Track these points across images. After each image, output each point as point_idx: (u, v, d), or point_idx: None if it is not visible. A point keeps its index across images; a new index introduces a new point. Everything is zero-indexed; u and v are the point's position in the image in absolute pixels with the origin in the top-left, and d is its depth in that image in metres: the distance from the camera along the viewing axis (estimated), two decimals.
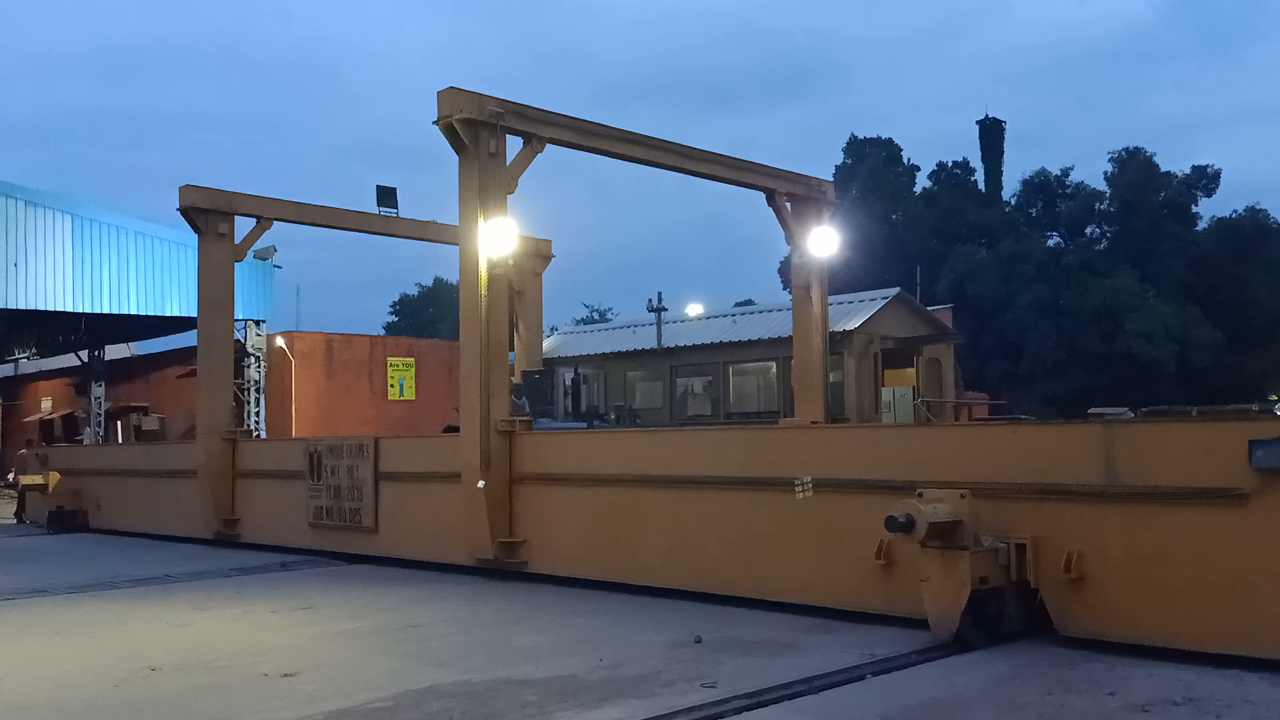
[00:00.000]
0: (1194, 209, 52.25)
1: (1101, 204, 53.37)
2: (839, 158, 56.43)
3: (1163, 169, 51.79)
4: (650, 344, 19.79)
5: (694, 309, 23.10)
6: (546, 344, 20.64)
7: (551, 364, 17.82)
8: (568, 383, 14.48)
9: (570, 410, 14.98)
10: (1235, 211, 51.35)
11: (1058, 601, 7.68)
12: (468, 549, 11.81)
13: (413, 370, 25.12)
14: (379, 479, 13.46)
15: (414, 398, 25.20)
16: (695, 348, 18.60)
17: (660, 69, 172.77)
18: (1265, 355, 47.05)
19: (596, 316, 65.79)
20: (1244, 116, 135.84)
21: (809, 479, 8.48)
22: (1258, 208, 51.51)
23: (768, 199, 15.32)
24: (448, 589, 11.16)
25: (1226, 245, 48.87)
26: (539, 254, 18.74)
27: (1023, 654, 7.37)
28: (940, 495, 7.68)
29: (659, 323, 19.41)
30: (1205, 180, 52.40)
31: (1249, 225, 50.34)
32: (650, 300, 19.90)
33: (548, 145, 12.46)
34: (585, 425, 14.38)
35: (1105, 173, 53.22)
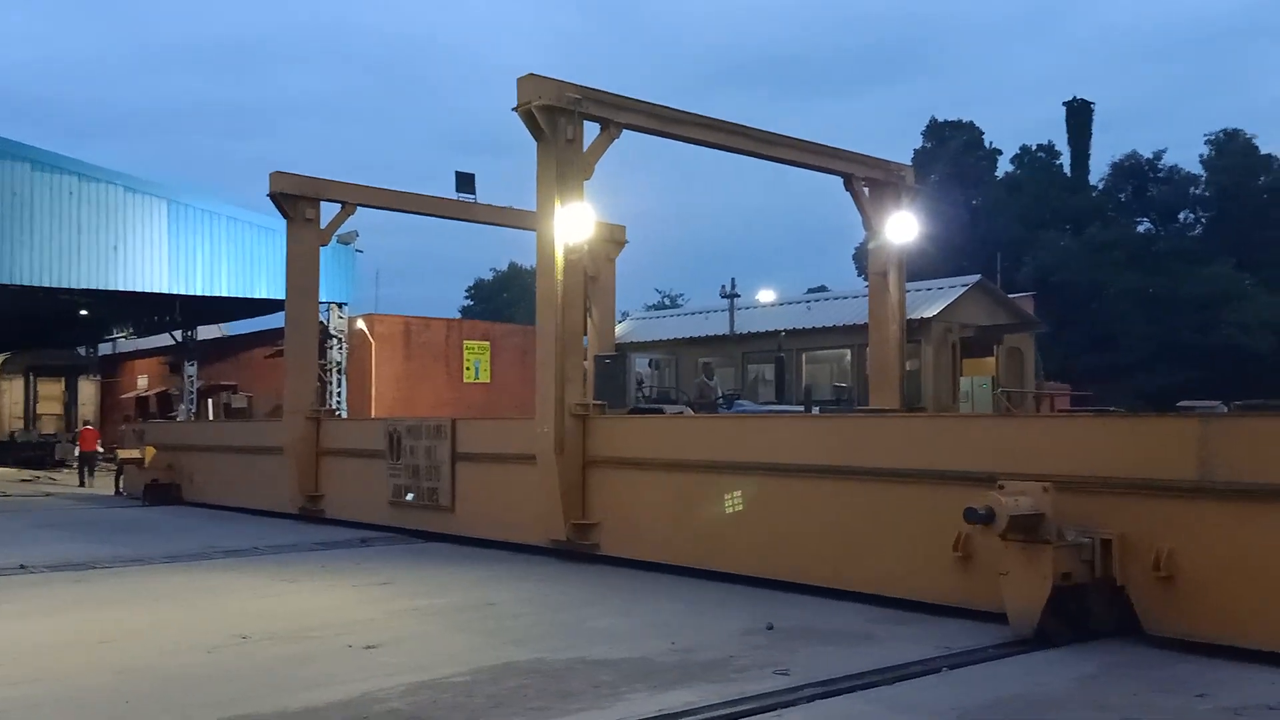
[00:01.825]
0: None
1: (1197, 189, 51.48)
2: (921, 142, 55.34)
3: (1263, 152, 49.72)
4: (722, 330, 19.70)
5: (766, 295, 22.93)
6: (619, 329, 20.70)
7: (624, 349, 17.87)
8: (640, 369, 14.58)
9: (649, 395, 15.09)
10: None
11: (1145, 600, 7.45)
12: (541, 530, 11.95)
13: (488, 354, 25.44)
14: (455, 459, 13.70)
15: (489, 381, 25.51)
16: (768, 334, 18.46)
17: (749, 54, 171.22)
18: None
19: (668, 303, 65.74)
20: None
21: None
22: None
23: (845, 184, 15.11)
24: (522, 569, 11.31)
25: None
26: (613, 240, 18.79)
27: (1107, 653, 7.18)
28: (1022, 488, 7.51)
29: (731, 308, 19.32)
30: None
31: None
32: (724, 286, 19.82)
33: (625, 131, 12.48)
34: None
35: (1201, 156, 51.32)
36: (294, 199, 16.68)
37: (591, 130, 12.18)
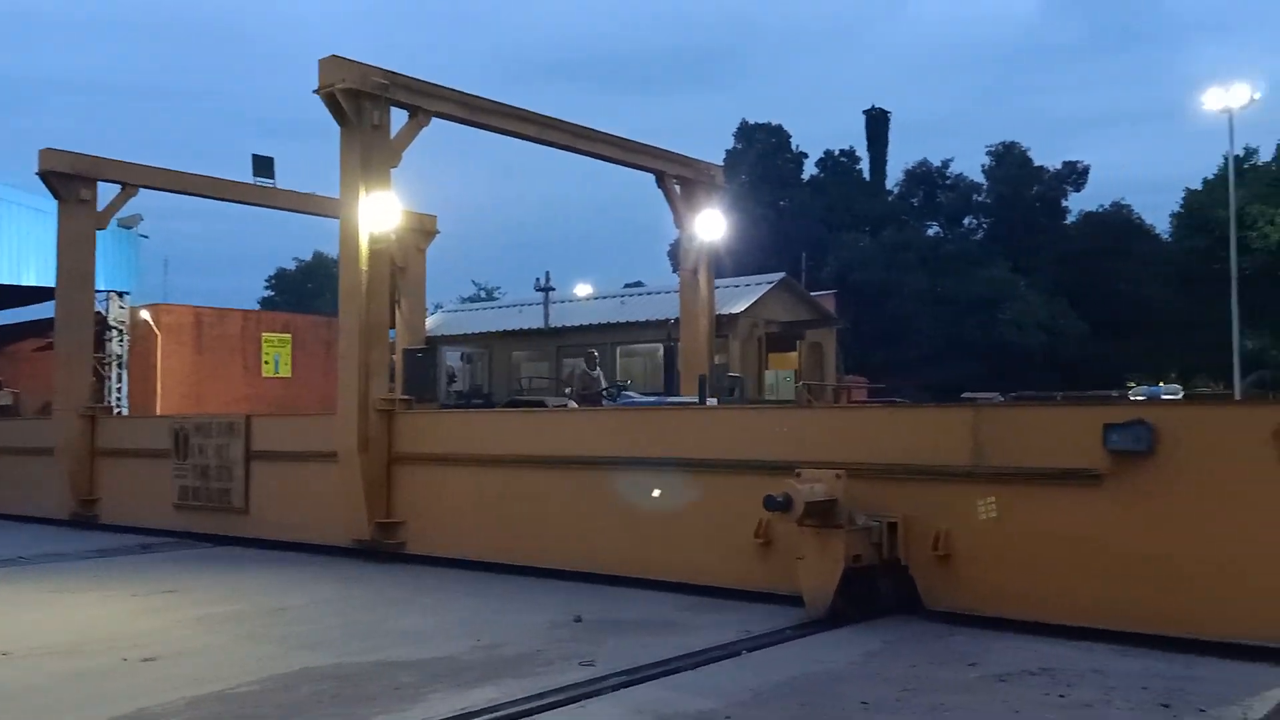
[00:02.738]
0: (1064, 203, 54.66)
1: (979, 196, 55.33)
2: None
3: (1036, 164, 53.97)
4: (537, 323, 19.64)
5: (583, 289, 23.02)
6: (430, 322, 20.28)
7: (434, 343, 17.53)
8: (452, 363, 14.28)
9: (456, 391, 14.81)
10: (1102, 206, 53.92)
11: (926, 578, 7.93)
12: (344, 530, 11.57)
13: (289, 347, 24.39)
14: (250, 458, 13.07)
15: (290, 375, 24.48)
16: (583, 328, 18.55)
17: (570, 49, 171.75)
18: (1128, 346, 49.61)
19: (484, 295, 65.09)
20: (1118, 117, 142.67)
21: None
22: (1123, 203, 54.20)
23: (657, 181, 15.36)
24: (322, 571, 10.90)
25: (1094, 239, 51.31)
26: (424, 230, 18.38)
27: (892, 629, 7.59)
28: (817, 475, 7.83)
29: (546, 302, 19.28)
30: (1075, 176, 54.85)
31: (1115, 220, 52.95)
32: (538, 279, 19.75)
33: (435, 120, 12.23)
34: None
35: (983, 166, 55.22)
36: (66, 178, 15.39)
37: (400, 117, 11.89)
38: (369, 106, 11.34)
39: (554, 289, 19.57)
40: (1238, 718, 5.34)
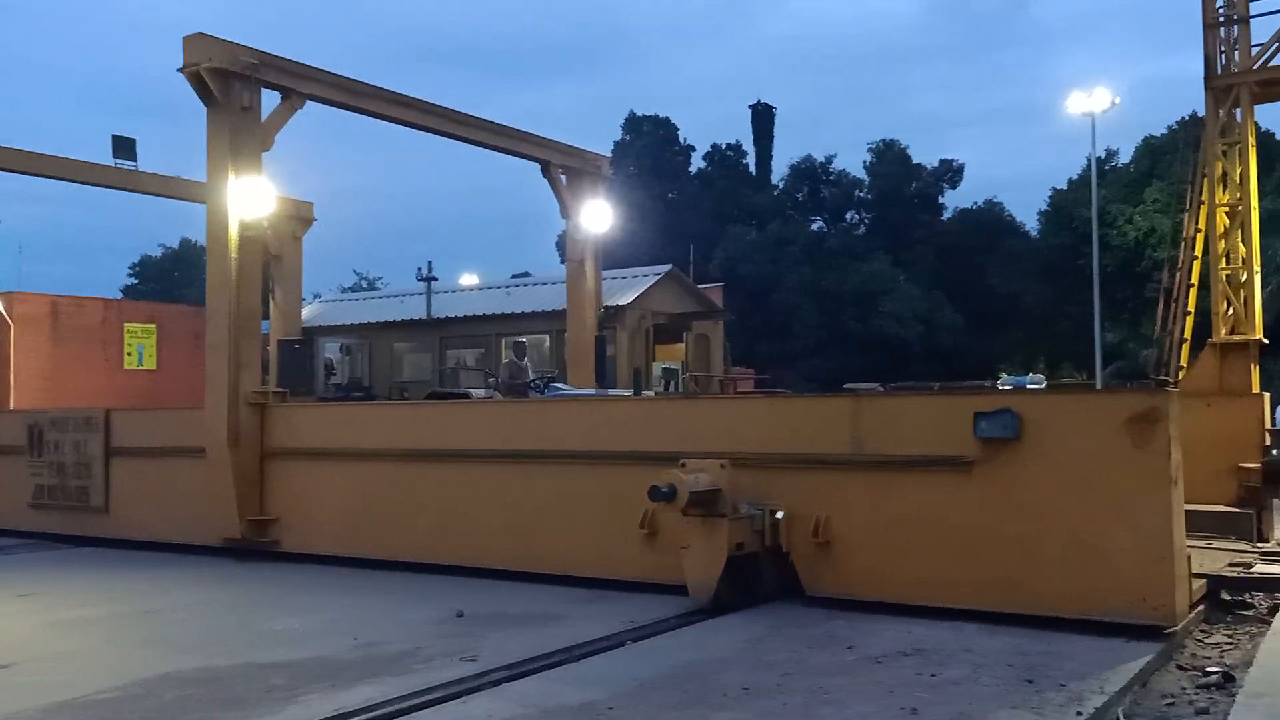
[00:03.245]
0: (941, 200, 56.47)
1: (861, 191, 56.72)
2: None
3: (915, 161, 55.61)
4: (419, 314, 19.26)
5: (469, 279, 22.69)
6: (306, 312, 19.66)
7: (312, 334, 17.01)
8: (330, 354, 13.85)
9: (336, 384, 14.39)
10: (976, 204, 55.95)
11: (807, 565, 8.08)
12: (213, 529, 11.14)
13: (154, 338, 23.27)
14: (110, 454, 12.49)
15: (155, 368, 23.37)
16: (467, 319, 18.26)
17: (457, 36, 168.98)
18: (1000, 338, 51.64)
19: (366, 285, 63.63)
20: (991, 116, 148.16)
21: None
22: (995, 201, 56.34)
23: (543, 170, 15.23)
24: (189, 571, 10.48)
25: (968, 235, 53.18)
26: (300, 217, 17.75)
27: (774, 615, 7.71)
28: (701, 465, 7.89)
29: (429, 292, 18.93)
30: (951, 173, 56.72)
31: (988, 217, 54.98)
32: (420, 270, 19.36)
33: (312, 103, 11.86)
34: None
35: (865, 162, 56.61)
36: None
37: (272, 99, 11.48)
38: (238, 87, 10.92)
39: (437, 279, 19.21)
40: (1095, 691, 5.59)
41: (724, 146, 58.05)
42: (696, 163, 57.55)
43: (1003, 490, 7.41)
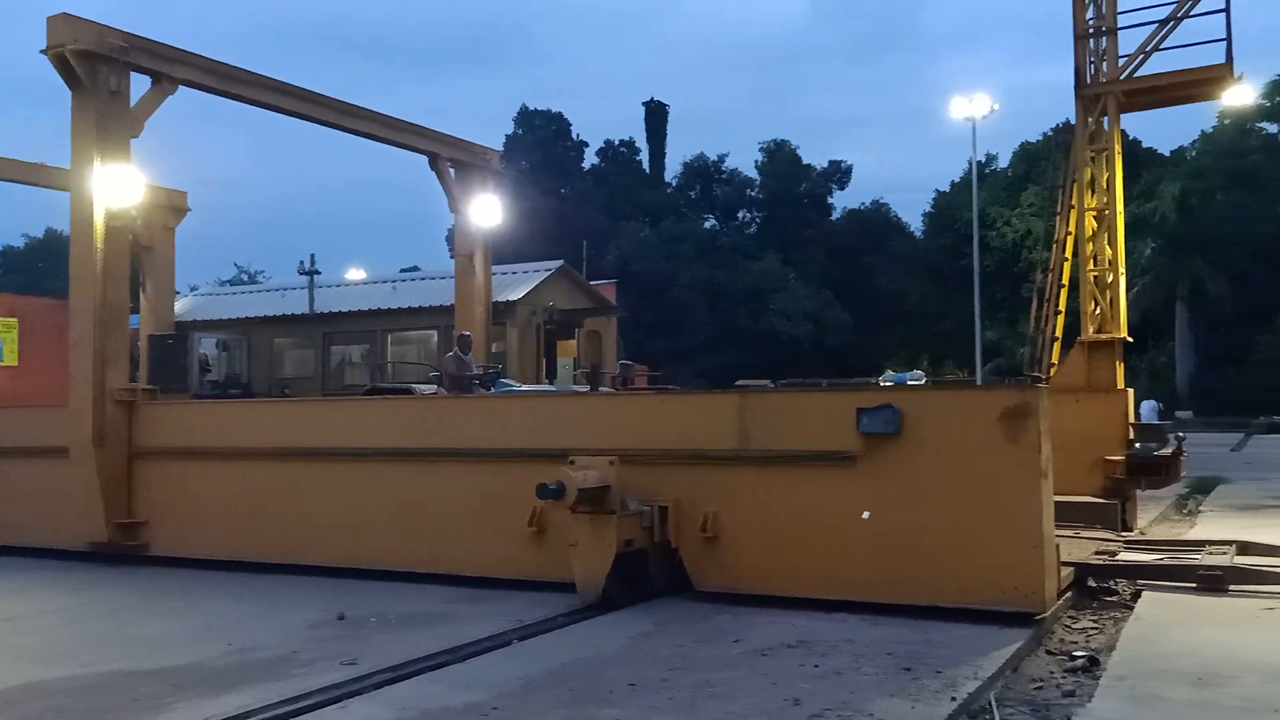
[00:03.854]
0: (830, 200, 57.77)
1: (753, 191, 57.59)
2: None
3: (805, 162, 56.75)
4: (302, 309, 18.70)
5: (356, 274, 22.15)
6: (180, 306, 18.89)
7: (186, 329, 16.35)
8: (205, 350, 13.30)
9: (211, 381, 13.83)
10: (864, 204, 57.39)
11: (695, 560, 8.13)
12: (78, 532, 10.61)
13: (15, 332, 22.07)
14: None
15: (16, 364, 22.16)
16: (352, 314, 17.81)
17: (344, 22, 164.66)
18: (886, 335, 53.12)
19: (247, 279, 61.66)
20: (877, 120, 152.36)
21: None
22: (881, 202, 57.91)
23: (430, 163, 14.96)
24: (52, 577, 9.95)
25: (856, 235, 54.55)
26: (173, 207, 17.02)
27: (662, 611, 7.73)
28: (590, 462, 7.86)
29: (311, 285, 18.38)
30: (840, 174, 58.09)
31: (875, 218, 56.48)
32: (302, 263, 18.78)
33: (187, 90, 11.40)
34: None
35: (756, 162, 57.51)
36: None
37: (143, 84, 10.99)
38: (105, 70, 10.42)
39: (320, 273, 18.66)
40: (969, 677, 5.76)
41: (617, 143, 58.27)
42: (590, 159, 57.61)
43: (884, 484, 7.58)
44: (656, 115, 59.54)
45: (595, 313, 19.46)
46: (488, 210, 15.42)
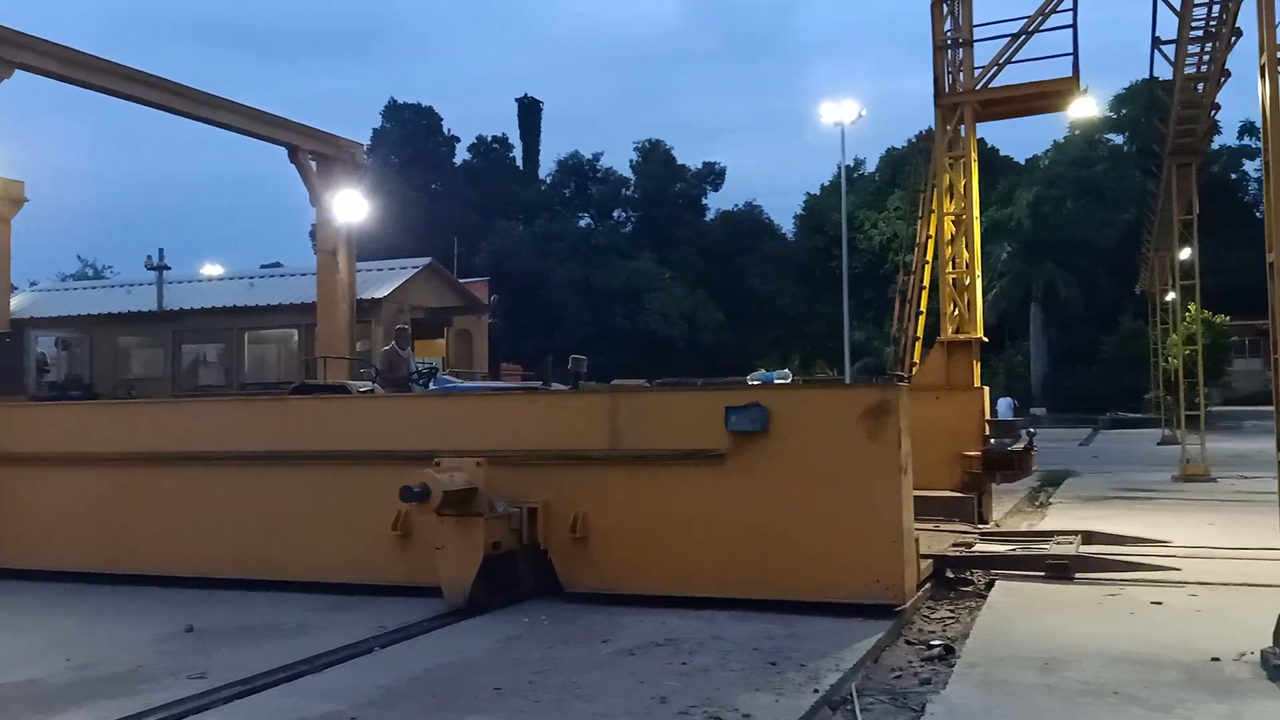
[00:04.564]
0: (704, 201, 58.52)
1: (628, 190, 57.84)
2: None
3: (679, 162, 57.33)
4: (150, 306, 17.76)
5: (212, 270, 21.19)
6: (16, 302, 17.74)
7: (23, 326, 15.34)
8: (44, 349, 12.45)
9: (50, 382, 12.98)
10: (737, 206, 58.34)
11: (564, 561, 8.06)
12: None
13: None
14: None
15: None
16: (205, 311, 17.00)
17: (223, 12, 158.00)
18: (759, 335, 54.12)
19: (93, 274, 58.53)
20: (750, 123, 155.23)
21: None
22: (754, 204, 58.99)
23: (290, 156, 14.44)
24: None
25: (729, 236, 55.41)
26: (8, 197, 15.96)
27: (530, 613, 7.63)
28: (457, 464, 7.70)
29: (160, 282, 17.45)
30: (713, 176, 58.90)
31: (747, 220, 57.48)
32: (150, 257, 17.79)
33: (26, 75, 10.71)
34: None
35: (631, 161, 57.78)
36: None
37: None
38: None
39: (169, 268, 17.71)
40: (831, 669, 5.87)
41: (490, 139, 57.66)
42: (462, 155, 56.84)
43: (752, 482, 7.67)
44: (530, 112, 59.14)
45: (465, 311, 19.14)
46: (351, 205, 14.98)
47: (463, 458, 7.77)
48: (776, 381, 9.65)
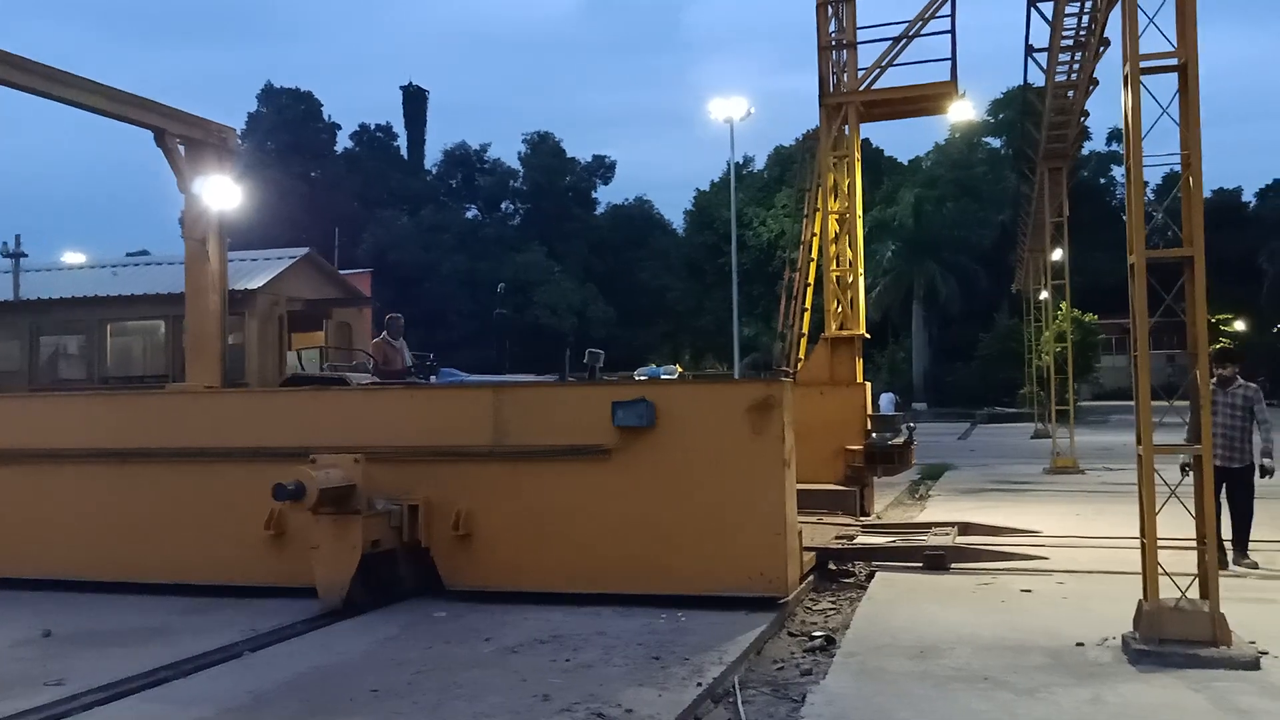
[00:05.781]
0: (594, 195, 58.43)
1: (516, 182, 57.32)
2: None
3: (569, 155, 57.09)
4: (5, 296, 16.72)
5: (74, 258, 20.09)
6: None
7: None
8: None
9: None
10: (627, 200, 58.43)
11: (446, 559, 7.89)
12: None
13: None
14: None
15: None
16: (65, 301, 16.07)
17: None
18: (650, 330, 54.37)
19: None
20: (641, 117, 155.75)
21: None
22: (645, 199, 59.18)
23: (156, 139, 13.63)
24: None
25: (620, 231, 55.45)
26: None
27: (411, 612, 7.46)
28: (334, 461, 7.46)
29: (16, 270, 16.44)
30: (604, 169, 58.85)
31: (638, 214, 57.63)
32: (5, 244, 16.77)
33: None
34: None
35: (520, 153, 57.27)
36: None
37: None
38: None
39: (26, 255, 16.69)
40: (714, 662, 5.88)
41: (374, 127, 56.36)
42: (344, 142, 55.39)
43: (639, 477, 7.63)
44: (415, 101, 57.95)
45: (345, 303, 18.53)
46: (223, 192, 14.30)
47: (340, 454, 7.52)
48: (663, 377, 9.63)
